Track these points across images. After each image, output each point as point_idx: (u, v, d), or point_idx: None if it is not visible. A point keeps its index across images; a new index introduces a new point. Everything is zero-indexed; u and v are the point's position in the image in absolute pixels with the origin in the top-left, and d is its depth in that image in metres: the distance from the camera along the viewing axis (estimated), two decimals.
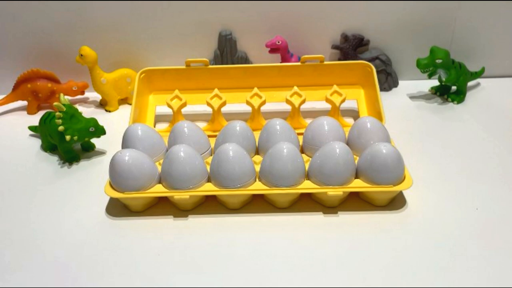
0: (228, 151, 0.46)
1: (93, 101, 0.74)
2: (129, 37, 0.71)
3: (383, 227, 0.45)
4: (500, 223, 0.45)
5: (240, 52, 0.72)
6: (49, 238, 0.45)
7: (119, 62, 0.72)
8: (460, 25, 0.71)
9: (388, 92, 0.72)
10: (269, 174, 0.47)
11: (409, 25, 0.71)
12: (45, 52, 0.71)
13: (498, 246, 0.42)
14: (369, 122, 0.52)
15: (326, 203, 0.48)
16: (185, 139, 0.52)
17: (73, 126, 0.54)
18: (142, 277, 0.41)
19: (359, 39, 0.70)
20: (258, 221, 0.47)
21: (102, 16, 0.69)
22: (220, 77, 0.64)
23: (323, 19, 0.70)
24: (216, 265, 0.41)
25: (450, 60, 0.65)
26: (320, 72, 0.63)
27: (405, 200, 0.48)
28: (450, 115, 0.65)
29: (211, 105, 0.60)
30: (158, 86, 0.65)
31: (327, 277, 0.40)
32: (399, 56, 0.73)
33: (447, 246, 0.42)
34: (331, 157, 0.46)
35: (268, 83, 0.63)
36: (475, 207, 0.47)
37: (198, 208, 0.49)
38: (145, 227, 0.46)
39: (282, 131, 0.52)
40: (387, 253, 0.42)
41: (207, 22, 0.70)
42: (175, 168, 0.46)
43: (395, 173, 0.46)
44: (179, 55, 0.71)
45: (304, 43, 0.72)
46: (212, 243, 0.44)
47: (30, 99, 0.69)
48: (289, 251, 0.43)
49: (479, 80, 0.73)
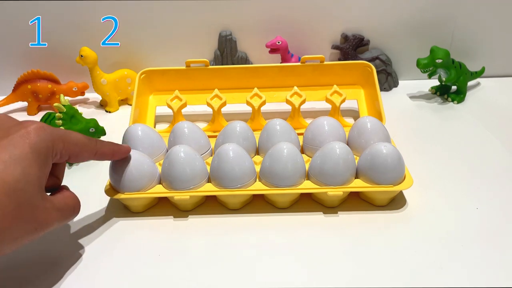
0: (228, 151, 0.46)
1: (93, 102, 0.74)
2: (129, 38, 0.71)
3: (383, 227, 0.45)
4: (500, 223, 0.45)
5: (240, 52, 0.72)
6: (49, 238, 0.45)
7: (119, 62, 0.72)
8: (460, 25, 0.71)
9: (388, 92, 0.72)
10: (269, 174, 0.47)
11: (409, 25, 0.71)
12: (45, 53, 0.71)
13: (498, 246, 0.42)
14: (370, 122, 0.52)
15: (326, 203, 0.48)
16: (185, 139, 0.52)
17: (73, 126, 0.54)
18: (142, 277, 0.41)
19: (359, 39, 0.70)
20: (258, 221, 0.47)
21: (102, 16, 0.69)
22: (220, 77, 0.64)
23: (323, 19, 0.70)
24: (216, 265, 0.41)
25: (450, 60, 0.65)
26: (320, 72, 0.63)
27: (405, 200, 0.48)
28: (450, 115, 0.65)
29: (211, 105, 0.60)
30: (158, 87, 0.65)
31: (327, 277, 0.40)
32: (399, 56, 0.73)
33: (447, 246, 0.42)
34: (331, 157, 0.46)
35: (268, 83, 0.63)
36: (475, 207, 0.47)
37: (198, 208, 0.49)
38: (145, 227, 0.46)
39: (282, 131, 0.52)
40: (387, 253, 0.42)
41: (207, 23, 0.70)
42: (175, 169, 0.46)
43: (396, 173, 0.46)
44: (179, 55, 0.71)
45: (304, 43, 0.72)
46: (212, 243, 0.44)
47: (30, 100, 0.69)
48: (289, 251, 0.43)
49: (479, 79, 0.73)
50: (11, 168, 0.32)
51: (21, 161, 0.32)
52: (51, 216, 0.35)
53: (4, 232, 0.32)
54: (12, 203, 0.32)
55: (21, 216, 0.33)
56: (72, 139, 0.38)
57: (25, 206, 0.33)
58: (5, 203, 0.31)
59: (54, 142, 0.35)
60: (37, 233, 0.35)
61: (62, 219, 0.37)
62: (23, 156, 0.33)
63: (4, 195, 0.31)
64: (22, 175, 0.32)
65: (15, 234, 0.33)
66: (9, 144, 0.33)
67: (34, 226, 0.34)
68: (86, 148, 0.39)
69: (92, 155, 0.40)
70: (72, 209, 0.39)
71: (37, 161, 0.34)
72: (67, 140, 0.37)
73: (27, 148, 0.33)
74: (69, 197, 0.39)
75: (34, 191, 0.33)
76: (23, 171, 0.32)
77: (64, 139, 0.37)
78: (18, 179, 0.32)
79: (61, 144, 0.36)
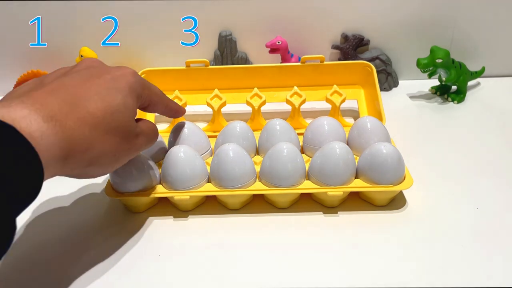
0: (228, 151, 0.46)
1: None
2: (129, 38, 0.71)
3: (383, 227, 0.45)
4: (501, 222, 0.45)
5: (240, 52, 0.72)
6: (49, 238, 0.45)
7: (119, 62, 0.72)
8: (460, 25, 0.71)
9: (388, 92, 0.72)
10: (269, 174, 0.47)
11: (409, 25, 0.71)
12: (45, 53, 0.71)
13: (498, 246, 0.42)
14: (370, 122, 0.52)
15: (326, 203, 0.48)
16: (185, 139, 0.52)
17: None
18: (142, 278, 0.41)
19: (359, 39, 0.70)
20: (258, 221, 0.47)
21: (102, 16, 0.69)
22: (220, 77, 0.64)
23: (323, 19, 0.70)
24: (216, 265, 0.41)
25: (450, 59, 0.65)
26: (320, 72, 0.63)
27: (405, 200, 0.48)
28: (450, 115, 0.65)
29: (211, 105, 0.60)
30: (158, 87, 0.65)
31: (327, 277, 0.40)
32: (399, 56, 0.73)
33: (448, 245, 0.42)
34: (331, 157, 0.46)
35: (268, 83, 0.63)
36: (475, 206, 0.47)
37: (198, 208, 0.49)
38: (145, 227, 0.46)
39: (282, 131, 0.52)
40: (387, 253, 0.42)
41: (207, 23, 0.70)
42: (176, 169, 0.46)
43: (396, 173, 0.46)
44: (179, 55, 0.71)
45: (304, 43, 0.72)
46: (212, 243, 0.44)
47: None
48: (289, 251, 0.43)
49: (479, 79, 0.73)
50: (113, 94, 0.38)
51: (122, 91, 0.39)
52: (140, 139, 0.41)
53: (108, 146, 0.37)
54: (114, 122, 0.37)
55: (120, 134, 0.38)
56: (153, 89, 0.44)
57: (123, 127, 0.38)
58: (109, 121, 0.37)
59: (143, 87, 0.42)
60: (130, 154, 0.41)
61: (148, 141, 0.43)
62: (122, 88, 0.39)
63: (108, 113, 0.37)
64: (122, 100, 0.38)
65: (115, 151, 0.38)
66: (111, 79, 0.39)
67: (128, 147, 0.40)
68: (163, 99, 0.46)
69: (163, 107, 0.46)
70: (154, 131, 0.44)
71: (132, 95, 0.40)
72: (151, 88, 0.43)
73: (125, 84, 0.39)
74: (149, 122, 0.44)
75: (130, 116, 0.39)
76: (123, 98, 0.38)
77: (149, 87, 0.43)
78: (118, 103, 0.38)
79: (147, 90, 0.42)
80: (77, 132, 0.34)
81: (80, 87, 0.37)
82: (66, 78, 0.38)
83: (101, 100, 0.37)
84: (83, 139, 0.35)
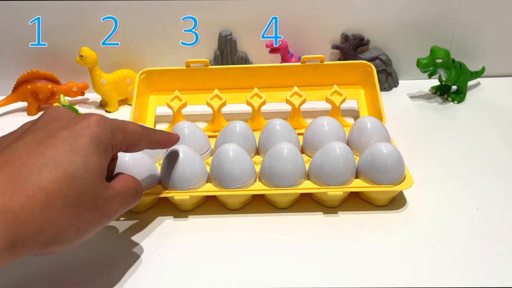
0: (228, 151, 0.46)
1: (93, 102, 0.74)
2: (129, 38, 0.71)
3: (383, 227, 0.45)
4: (501, 222, 0.45)
5: (240, 52, 0.72)
6: None
7: (119, 62, 0.72)
8: (460, 25, 0.71)
9: (388, 92, 0.72)
10: (269, 174, 0.47)
11: (409, 25, 0.71)
12: (45, 53, 0.71)
13: (498, 246, 0.42)
14: (370, 122, 0.52)
15: (326, 203, 0.48)
16: (185, 139, 0.51)
17: None
18: (141, 278, 0.41)
19: (359, 39, 0.70)
20: (258, 221, 0.47)
21: (102, 16, 0.69)
22: (220, 77, 0.64)
23: (323, 19, 0.70)
24: (216, 265, 0.41)
25: (450, 59, 0.65)
26: (320, 72, 0.63)
27: (405, 200, 0.48)
28: (450, 115, 0.65)
29: (211, 105, 0.60)
30: (158, 87, 0.65)
31: (327, 277, 0.40)
32: (399, 56, 0.73)
33: (448, 246, 0.42)
34: (331, 157, 0.46)
35: (268, 83, 0.63)
36: (475, 206, 0.47)
37: (198, 208, 0.49)
38: (145, 227, 0.46)
39: (282, 131, 0.52)
40: (387, 253, 0.42)
41: (207, 23, 0.70)
42: (176, 169, 0.46)
43: (396, 173, 0.46)
44: (179, 55, 0.71)
45: (304, 43, 0.72)
46: (212, 244, 0.44)
47: (30, 100, 0.69)
48: (289, 251, 0.43)
49: (479, 79, 0.73)
50: (71, 157, 0.32)
51: (81, 150, 0.33)
52: (114, 203, 0.36)
53: (67, 221, 0.32)
54: (73, 192, 0.32)
55: (82, 204, 0.33)
56: (129, 129, 0.38)
57: (86, 194, 0.33)
58: (66, 192, 0.31)
59: (114, 133, 0.36)
60: (101, 222, 0.35)
61: (125, 204, 0.37)
62: (83, 146, 0.33)
63: (64, 184, 0.31)
64: (82, 163, 0.33)
65: (78, 223, 0.33)
66: (69, 135, 0.33)
67: (97, 215, 0.34)
68: (143, 137, 0.40)
69: (147, 144, 0.41)
70: (134, 190, 0.38)
71: (98, 151, 0.34)
72: (125, 130, 0.37)
73: (87, 139, 0.34)
74: (128, 179, 0.38)
75: (95, 180, 0.33)
76: (83, 160, 0.33)
77: (123, 129, 0.37)
78: (78, 167, 0.32)
79: (120, 134, 0.37)
80: (24, 214, 0.29)
81: (32, 155, 0.31)
82: (19, 143, 0.33)
83: (56, 168, 0.31)
84: (33, 221, 0.30)
